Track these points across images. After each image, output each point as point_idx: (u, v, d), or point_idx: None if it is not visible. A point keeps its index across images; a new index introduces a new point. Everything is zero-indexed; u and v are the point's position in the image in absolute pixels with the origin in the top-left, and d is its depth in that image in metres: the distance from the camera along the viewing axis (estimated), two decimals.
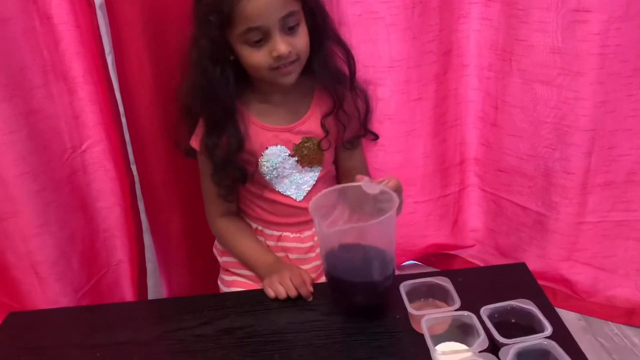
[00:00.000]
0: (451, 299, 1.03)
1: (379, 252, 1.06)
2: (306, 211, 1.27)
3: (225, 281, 1.34)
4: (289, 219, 1.28)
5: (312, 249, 1.29)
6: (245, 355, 1.00)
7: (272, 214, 1.27)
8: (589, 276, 1.66)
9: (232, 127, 1.17)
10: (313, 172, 1.24)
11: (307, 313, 1.09)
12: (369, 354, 0.99)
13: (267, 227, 1.29)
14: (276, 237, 1.29)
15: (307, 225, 1.29)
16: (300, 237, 1.29)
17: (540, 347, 0.90)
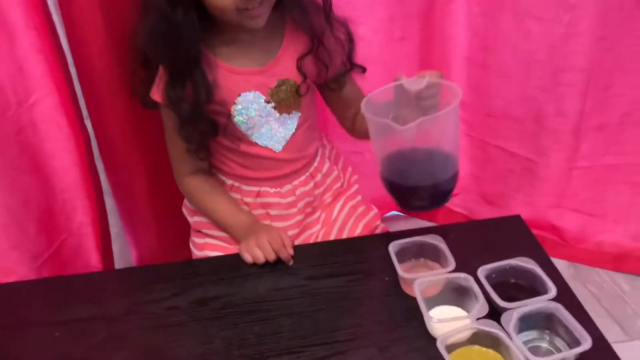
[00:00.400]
0: (444, 259, 0.94)
1: (449, 148, 0.94)
2: (286, 163, 1.16)
3: (197, 244, 1.24)
4: (268, 173, 1.17)
5: (294, 204, 1.19)
6: (222, 328, 0.91)
7: (249, 169, 1.16)
8: (578, 223, 1.61)
9: (198, 74, 1.04)
10: (292, 118, 1.13)
11: (288, 278, 1.00)
12: (357, 321, 0.91)
13: (244, 183, 1.18)
14: (255, 193, 1.18)
15: (288, 179, 1.18)
16: (280, 191, 1.18)
17: (544, 311, 0.83)
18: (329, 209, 1.25)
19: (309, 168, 1.22)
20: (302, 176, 1.21)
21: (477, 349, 0.81)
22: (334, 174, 1.27)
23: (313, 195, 1.22)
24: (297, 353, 0.86)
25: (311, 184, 1.21)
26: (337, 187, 1.27)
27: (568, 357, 0.76)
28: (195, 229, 1.25)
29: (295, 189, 1.19)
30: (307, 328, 0.90)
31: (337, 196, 1.27)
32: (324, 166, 1.25)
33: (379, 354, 0.85)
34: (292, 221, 1.20)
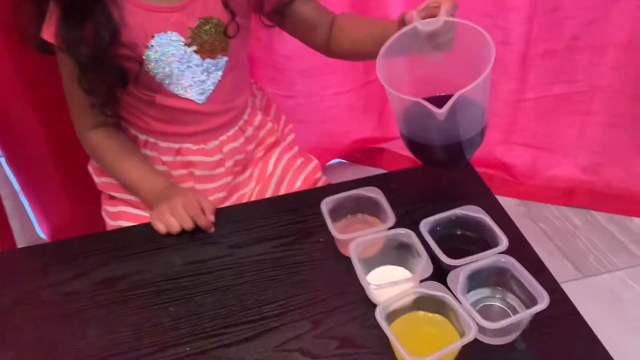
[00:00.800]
0: (383, 214, 0.83)
1: (481, 103, 0.82)
2: (211, 116, 1.00)
3: (111, 213, 1.09)
4: (190, 128, 1.01)
5: (221, 163, 1.05)
6: (130, 313, 0.78)
7: (168, 123, 1.00)
8: (528, 158, 1.53)
9: (99, 10, 0.85)
10: (218, 64, 0.97)
11: (208, 248, 0.87)
12: (289, 292, 0.79)
13: (161, 139, 1.02)
14: (174, 150, 1.03)
15: (213, 134, 1.03)
16: (205, 148, 1.03)
17: (495, 265, 0.73)
18: (262, 164, 1.11)
19: (238, 121, 1.06)
20: (231, 130, 1.05)
21: (422, 315, 0.71)
22: (268, 127, 1.12)
23: (244, 152, 1.08)
24: (218, 336, 0.75)
25: (241, 139, 1.07)
26: (271, 141, 1.13)
27: (523, 319, 0.67)
28: (105, 192, 1.10)
29: (223, 146, 1.05)
30: (231, 305, 0.78)
31: (270, 148, 1.13)
32: (256, 118, 1.10)
33: (313, 328, 0.75)
34: (219, 183, 1.06)
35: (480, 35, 0.76)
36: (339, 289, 0.79)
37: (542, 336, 0.71)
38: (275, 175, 1.11)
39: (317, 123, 1.47)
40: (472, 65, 0.78)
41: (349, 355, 0.71)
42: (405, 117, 0.86)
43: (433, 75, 0.88)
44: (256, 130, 1.10)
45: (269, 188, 1.10)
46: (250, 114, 1.09)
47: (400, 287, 0.71)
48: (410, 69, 0.87)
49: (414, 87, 0.86)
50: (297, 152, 1.16)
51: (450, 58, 0.84)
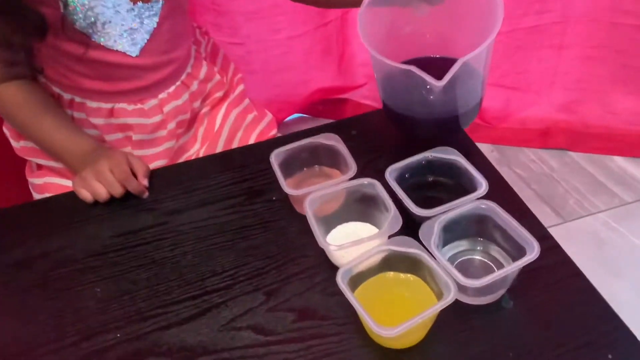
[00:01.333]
0: (344, 164, 0.72)
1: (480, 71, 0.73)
2: (148, 71, 0.86)
3: (36, 185, 0.94)
4: (123, 85, 0.87)
5: (163, 125, 0.91)
6: (49, 297, 0.66)
7: (97, 80, 0.86)
8: (500, 99, 1.43)
9: None
10: (152, 8, 0.82)
11: (142, 216, 0.75)
12: (237, 260, 0.68)
13: (90, 98, 0.88)
14: (106, 111, 0.89)
15: (151, 92, 0.89)
16: (143, 108, 0.89)
17: (475, 213, 0.62)
18: (208, 121, 0.98)
19: (180, 75, 0.92)
20: (172, 87, 0.91)
21: (391, 276, 0.61)
22: (216, 79, 0.98)
23: (189, 111, 0.94)
24: (154, 318, 0.63)
25: (185, 95, 0.93)
26: (219, 95, 0.99)
27: (510, 273, 0.57)
28: (32, 163, 0.95)
29: (163, 105, 0.91)
30: (169, 281, 0.67)
31: (218, 103, 0.99)
32: (201, 70, 0.96)
33: (266, 300, 0.64)
34: (161, 148, 0.93)
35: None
36: (295, 254, 0.68)
37: (532, 291, 0.61)
38: (224, 133, 0.98)
39: (270, 73, 1.34)
40: (468, 22, 0.66)
41: (309, 328, 0.61)
42: (392, 86, 0.74)
43: (422, 33, 0.76)
44: (202, 83, 0.96)
45: (216, 148, 0.97)
46: (194, 66, 0.95)
47: (365, 246, 0.60)
48: (396, 25, 0.74)
49: (399, 46, 0.75)
50: (248, 106, 1.02)
51: (442, 12, 0.73)
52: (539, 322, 0.59)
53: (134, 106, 0.89)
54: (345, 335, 0.60)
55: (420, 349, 0.58)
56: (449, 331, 0.59)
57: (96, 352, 0.60)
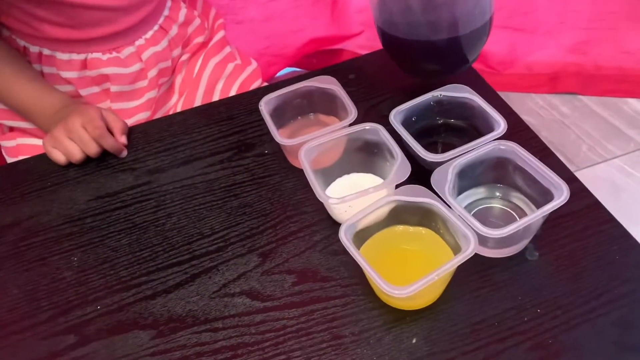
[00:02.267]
0: (342, 109, 0.64)
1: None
2: (123, 13, 0.77)
3: (8, 149, 0.87)
4: (94, 31, 0.78)
5: (142, 74, 0.83)
6: (22, 269, 0.59)
7: (66, 27, 0.77)
8: (505, 43, 1.34)
9: None
10: None
11: (122, 177, 0.67)
12: (228, 220, 0.61)
13: (60, 49, 0.79)
14: (79, 63, 0.80)
15: (126, 37, 0.80)
16: (119, 57, 0.81)
17: (493, 156, 0.55)
18: (186, 70, 0.90)
19: (157, 17, 0.83)
20: (149, 31, 0.83)
21: (401, 230, 0.54)
22: (196, 23, 0.89)
23: (169, 59, 0.86)
24: (137, 287, 0.56)
25: (164, 41, 0.84)
26: (199, 40, 0.90)
27: (534, 221, 0.50)
28: (2, 126, 0.87)
29: (141, 52, 0.82)
30: (153, 245, 0.60)
31: (197, 50, 0.91)
32: (180, 13, 0.87)
33: (261, 263, 0.57)
34: (142, 100, 0.84)
35: None
36: (291, 211, 0.61)
37: (559, 240, 0.55)
38: (202, 83, 0.89)
39: (258, 22, 1.24)
40: None
41: (310, 292, 0.54)
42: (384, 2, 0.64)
43: None
44: (182, 27, 0.87)
45: (194, 101, 0.89)
46: (172, 8, 0.86)
47: (370, 198, 0.53)
48: None
49: None
50: (229, 54, 0.93)
51: None
52: (568, 274, 0.53)
53: (109, 55, 0.81)
54: (350, 297, 0.53)
55: (436, 309, 0.52)
56: (468, 288, 0.52)
57: (74, 327, 0.54)
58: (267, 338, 0.52)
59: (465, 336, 0.50)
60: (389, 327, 0.51)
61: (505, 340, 0.49)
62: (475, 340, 0.50)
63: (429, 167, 0.57)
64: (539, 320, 0.50)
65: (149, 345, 0.52)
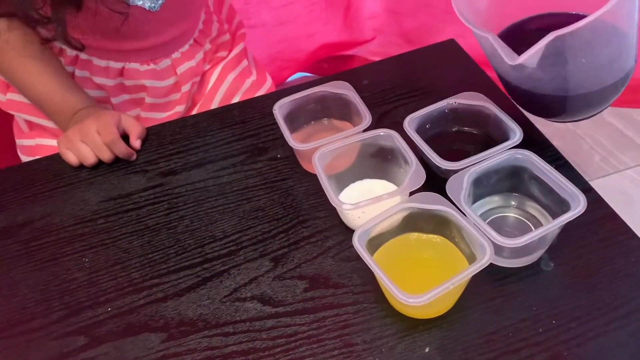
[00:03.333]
0: (356, 114, 0.64)
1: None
2: (165, 26, 0.77)
3: (26, 148, 0.87)
4: (136, 43, 0.78)
5: (177, 88, 0.83)
6: (34, 269, 0.59)
7: (107, 39, 0.77)
8: None
9: None
10: None
11: (134, 179, 0.67)
12: (240, 224, 0.61)
13: (98, 55, 0.79)
14: (116, 71, 0.80)
15: (165, 50, 0.80)
16: (156, 69, 0.81)
17: (509, 164, 0.55)
18: (202, 78, 0.89)
19: (193, 31, 0.83)
20: (185, 45, 0.82)
21: (415, 237, 0.54)
22: (225, 38, 0.89)
23: (200, 73, 0.86)
24: (149, 289, 0.56)
25: (199, 55, 0.84)
26: (222, 54, 0.90)
27: (550, 231, 0.49)
28: (20, 123, 0.87)
29: (176, 66, 0.82)
30: (165, 248, 0.60)
31: (217, 63, 0.90)
32: (213, 27, 0.86)
33: (273, 267, 0.57)
34: (171, 112, 0.85)
35: None
36: (304, 216, 0.61)
37: (575, 251, 0.54)
38: (217, 98, 0.89)
39: (271, 27, 1.25)
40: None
41: (322, 298, 0.54)
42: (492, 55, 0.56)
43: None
44: (213, 42, 0.87)
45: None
46: (206, 22, 0.85)
47: (384, 204, 0.53)
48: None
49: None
50: (246, 68, 0.92)
51: None
52: (584, 285, 0.52)
53: (146, 66, 0.81)
54: (363, 304, 0.53)
55: (449, 318, 0.51)
56: (483, 298, 0.52)
57: (85, 328, 0.54)
58: (278, 344, 0.51)
59: (479, 346, 0.49)
60: (402, 335, 0.51)
61: (520, 351, 0.49)
62: (490, 350, 0.49)
63: (442, 174, 0.56)
64: (554, 332, 0.49)
65: (159, 348, 0.52)
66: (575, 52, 0.51)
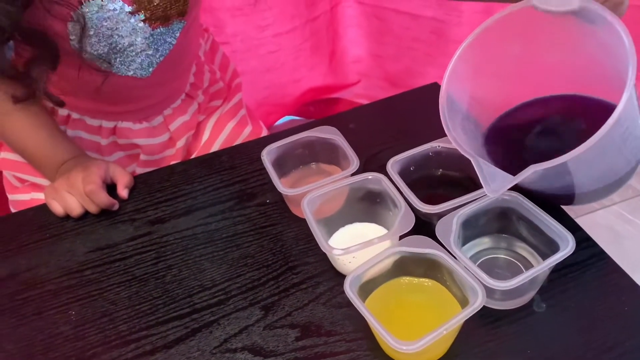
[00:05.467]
0: (344, 158, 0.64)
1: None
2: (157, 88, 0.78)
3: (21, 202, 0.85)
4: (128, 105, 0.79)
5: (171, 143, 0.83)
6: (17, 324, 0.58)
7: (98, 101, 0.77)
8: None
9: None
10: (171, 30, 0.72)
11: (122, 228, 0.67)
12: (229, 272, 0.60)
13: (87, 114, 0.79)
14: (108, 130, 0.80)
15: (156, 108, 0.81)
16: (149, 127, 0.81)
17: (497, 205, 0.55)
18: (197, 129, 0.88)
19: (184, 87, 0.83)
20: (177, 100, 0.83)
21: (406, 282, 0.53)
22: (219, 86, 0.89)
23: (194, 127, 0.86)
24: (137, 341, 0.55)
25: (192, 107, 0.84)
26: (216, 103, 0.90)
27: (541, 272, 0.49)
28: (11, 180, 0.86)
29: (169, 122, 0.82)
30: (153, 299, 0.59)
31: (212, 112, 0.90)
32: (205, 77, 0.86)
33: (264, 316, 0.56)
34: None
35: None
36: (294, 262, 0.60)
37: (566, 291, 0.54)
38: (215, 146, 0.88)
39: (258, 74, 1.26)
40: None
41: (314, 347, 0.53)
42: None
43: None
44: (206, 93, 0.87)
45: None
46: (197, 74, 0.85)
47: (374, 249, 0.53)
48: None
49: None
50: (243, 118, 0.92)
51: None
52: (577, 326, 0.52)
53: (139, 125, 0.81)
54: (356, 352, 0.52)
55: None
56: (476, 341, 0.51)
57: None
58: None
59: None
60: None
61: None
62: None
63: (424, 217, 0.56)
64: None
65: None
66: (565, 173, 0.51)
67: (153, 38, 0.71)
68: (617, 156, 0.52)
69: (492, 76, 0.60)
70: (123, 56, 0.71)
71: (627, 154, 0.53)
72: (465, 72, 0.58)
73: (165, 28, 0.71)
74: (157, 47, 0.72)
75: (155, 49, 0.72)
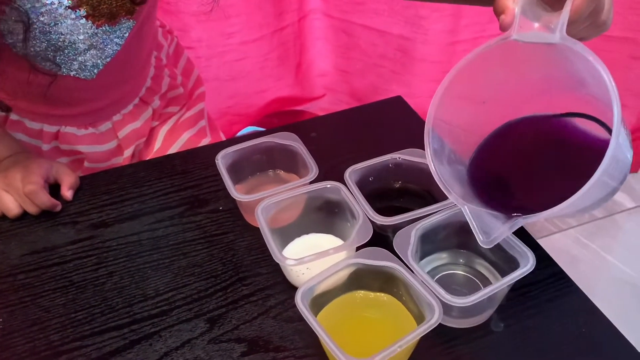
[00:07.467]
0: (303, 166, 0.62)
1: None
2: (104, 91, 0.73)
3: None
4: (69, 109, 0.74)
5: (119, 151, 0.79)
6: None
7: (39, 103, 0.72)
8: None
9: None
10: (119, 30, 0.68)
11: (62, 231, 0.62)
12: (174, 281, 0.57)
13: (27, 116, 0.74)
14: (50, 135, 0.75)
15: (105, 113, 0.76)
16: (95, 133, 0.76)
17: (457, 220, 0.53)
18: (149, 138, 0.83)
19: (138, 91, 0.78)
20: (129, 105, 0.78)
21: (361, 295, 0.51)
22: (178, 92, 0.85)
23: (147, 134, 0.81)
24: (68, 353, 0.51)
25: (146, 114, 0.80)
26: (172, 110, 0.85)
27: (500, 290, 0.48)
28: None
29: (118, 129, 0.78)
30: (90, 307, 0.54)
31: (167, 118, 0.85)
32: (163, 82, 0.82)
33: (209, 329, 0.52)
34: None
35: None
36: (245, 272, 0.57)
37: (525, 310, 0.52)
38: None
39: (222, 82, 1.23)
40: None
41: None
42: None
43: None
44: (163, 99, 0.82)
45: None
46: (155, 78, 0.80)
47: (329, 260, 0.50)
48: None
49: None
50: (202, 129, 0.88)
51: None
52: (535, 347, 0.50)
53: (84, 130, 0.76)
54: None
55: None
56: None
57: None
58: None
59: None
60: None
61: None
62: None
63: (379, 229, 0.54)
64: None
65: None
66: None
67: (97, 37, 0.67)
68: (604, 189, 0.51)
69: (475, 105, 0.57)
70: (63, 55, 0.66)
71: (614, 183, 0.52)
72: (448, 106, 0.55)
73: (112, 27, 0.67)
74: (102, 47, 0.68)
75: (100, 49, 0.68)
